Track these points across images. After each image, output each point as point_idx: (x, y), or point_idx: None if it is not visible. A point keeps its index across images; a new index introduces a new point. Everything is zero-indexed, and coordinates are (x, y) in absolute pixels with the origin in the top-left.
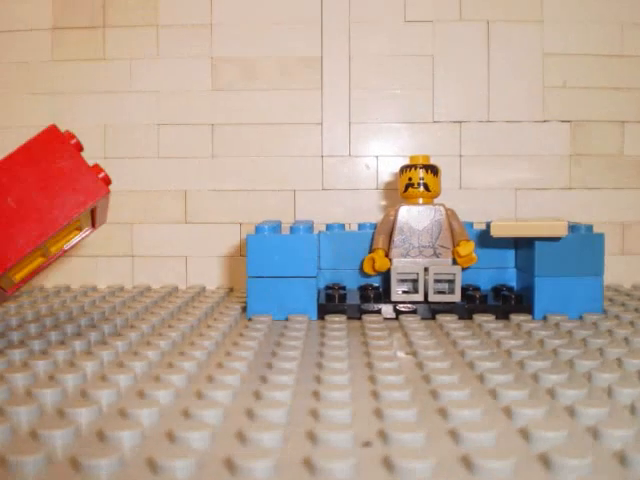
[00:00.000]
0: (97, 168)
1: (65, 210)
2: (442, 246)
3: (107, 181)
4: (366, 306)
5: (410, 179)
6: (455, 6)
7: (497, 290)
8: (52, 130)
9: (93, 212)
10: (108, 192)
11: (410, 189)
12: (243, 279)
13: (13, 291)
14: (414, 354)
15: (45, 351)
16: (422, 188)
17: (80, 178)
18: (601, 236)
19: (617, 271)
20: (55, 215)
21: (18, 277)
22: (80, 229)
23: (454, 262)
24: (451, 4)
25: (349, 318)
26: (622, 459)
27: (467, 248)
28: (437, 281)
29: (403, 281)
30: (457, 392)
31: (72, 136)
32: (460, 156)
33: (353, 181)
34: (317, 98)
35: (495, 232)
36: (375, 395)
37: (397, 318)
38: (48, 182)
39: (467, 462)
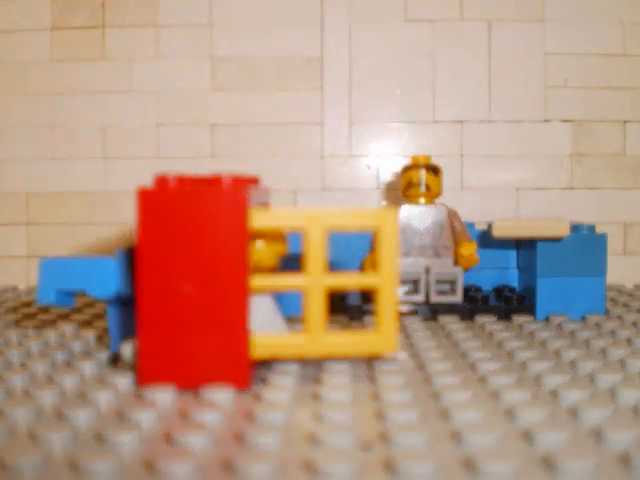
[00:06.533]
0: None
1: None
2: (444, 246)
3: None
4: (368, 307)
5: (411, 178)
6: (456, 5)
7: (499, 291)
8: None
9: None
10: None
11: (411, 189)
12: None
13: None
14: (415, 356)
15: (43, 352)
16: (423, 188)
17: None
18: (603, 236)
19: (619, 271)
20: None
21: None
22: None
23: (456, 263)
24: (452, 3)
25: (351, 319)
26: (626, 461)
27: (469, 249)
28: (438, 282)
29: (404, 281)
30: (459, 394)
31: None
32: (461, 156)
33: (354, 181)
34: (317, 98)
35: (497, 233)
36: (376, 397)
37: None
38: None
39: (469, 464)
